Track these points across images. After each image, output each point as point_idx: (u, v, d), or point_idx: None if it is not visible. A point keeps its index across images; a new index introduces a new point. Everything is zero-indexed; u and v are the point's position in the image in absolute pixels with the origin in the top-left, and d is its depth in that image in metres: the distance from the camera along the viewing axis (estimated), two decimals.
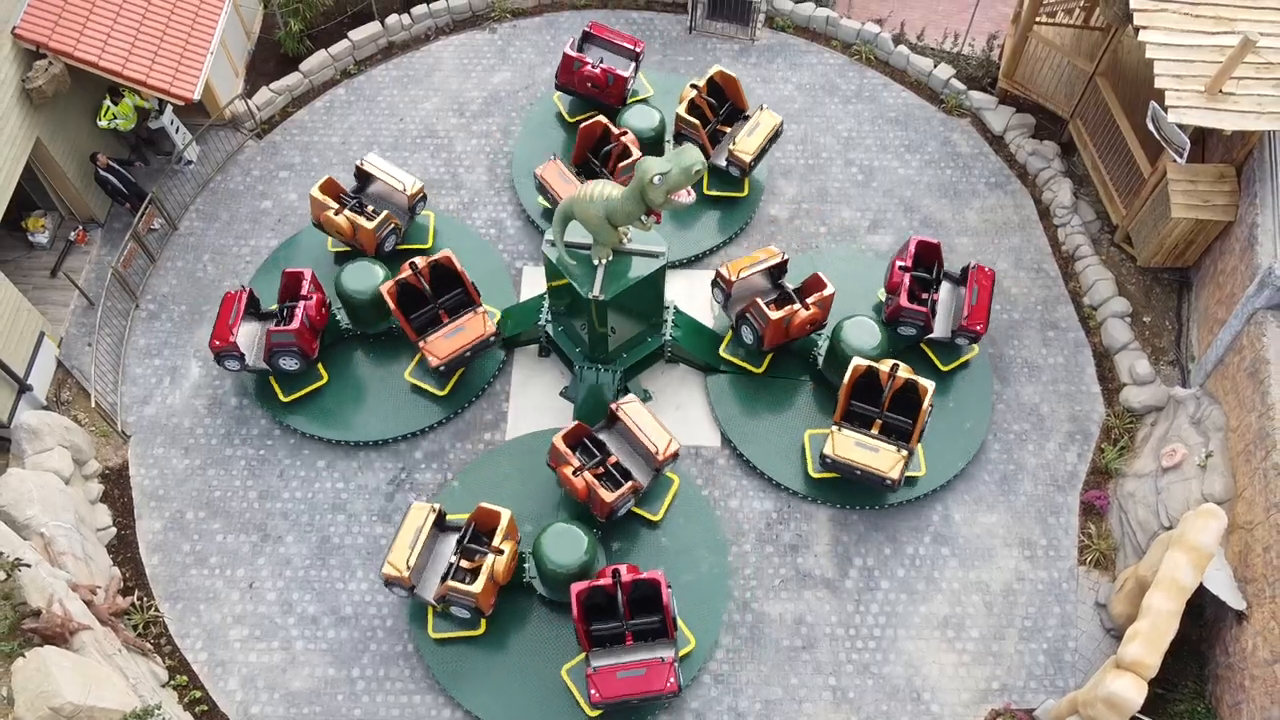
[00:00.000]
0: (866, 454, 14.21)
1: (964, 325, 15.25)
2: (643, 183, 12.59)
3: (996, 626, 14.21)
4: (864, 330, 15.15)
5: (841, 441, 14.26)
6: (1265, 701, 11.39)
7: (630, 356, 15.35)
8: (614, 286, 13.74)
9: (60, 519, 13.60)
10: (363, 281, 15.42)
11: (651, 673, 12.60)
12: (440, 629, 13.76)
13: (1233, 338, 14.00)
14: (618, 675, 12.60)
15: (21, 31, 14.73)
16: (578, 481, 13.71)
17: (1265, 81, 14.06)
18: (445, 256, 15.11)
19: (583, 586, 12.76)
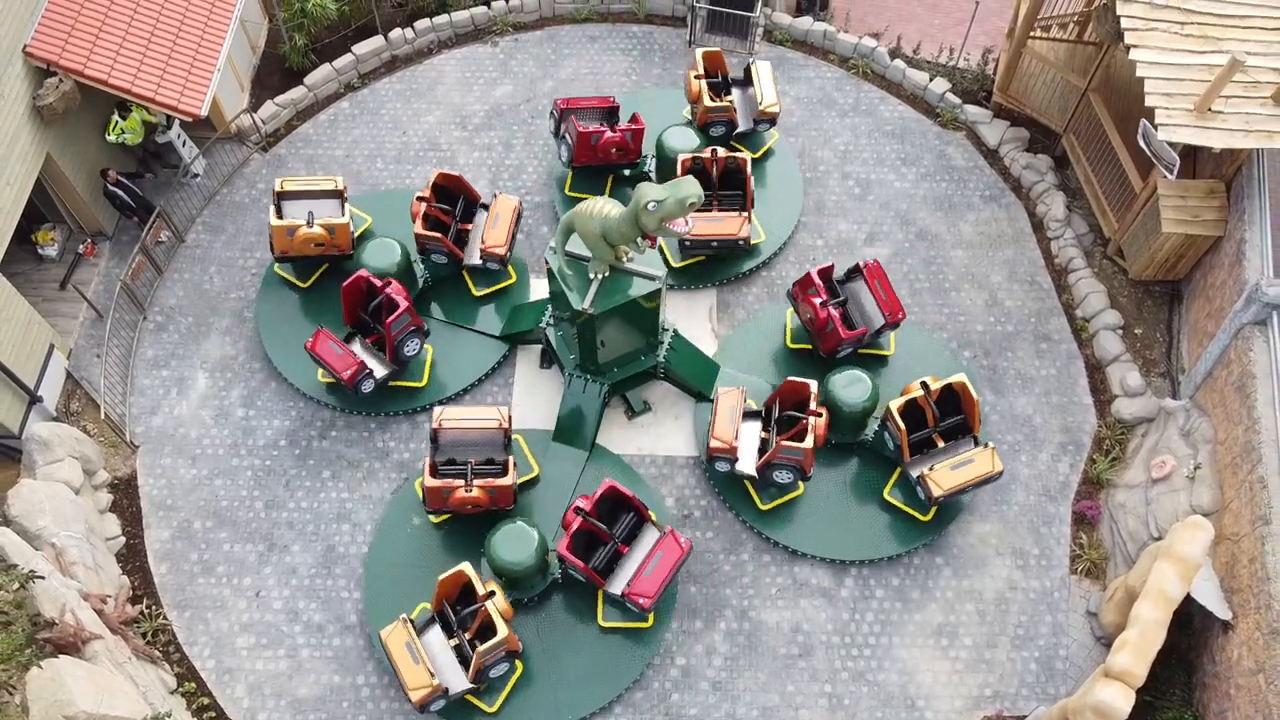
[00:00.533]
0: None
1: (886, 322, 15.66)
2: (637, 207, 12.90)
3: (989, 634, 14.48)
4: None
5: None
6: (1249, 710, 11.66)
7: (621, 372, 15.57)
8: (605, 302, 14.01)
9: (71, 529, 13.87)
10: (384, 259, 16.16)
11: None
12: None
13: (1221, 352, 14.26)
14: (404, 643, 12.90)
15: (33, 50, 15.01)
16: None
17: (1253, 100, 14.34)
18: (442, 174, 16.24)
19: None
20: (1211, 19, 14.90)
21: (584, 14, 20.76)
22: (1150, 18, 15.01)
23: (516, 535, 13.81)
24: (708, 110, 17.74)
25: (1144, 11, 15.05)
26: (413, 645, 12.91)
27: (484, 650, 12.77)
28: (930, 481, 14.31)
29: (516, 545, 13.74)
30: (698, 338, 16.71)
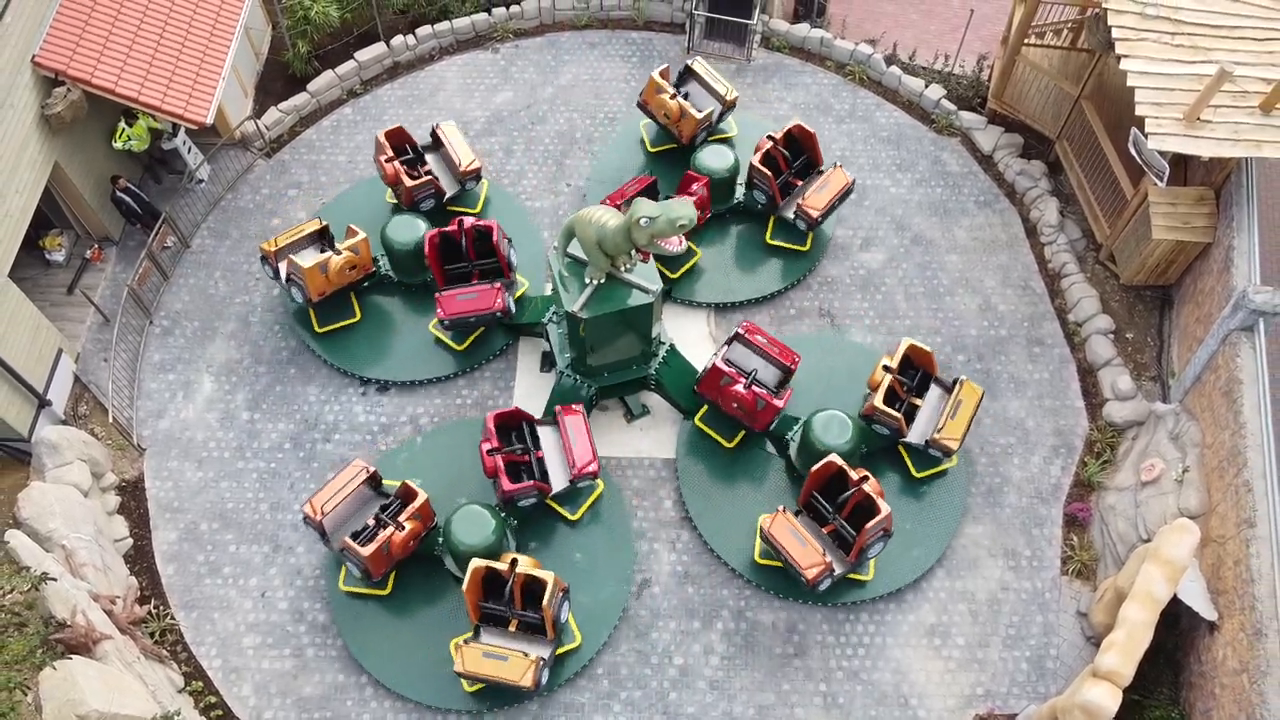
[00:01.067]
0: None
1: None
2: (630, 221, 13.21)
3: (981, 634, 14.75)
4: (836, 425, 14.92)
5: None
6: (1233, 709, 11.93)
7: (611, 377, 15.81)
8: (595, 308, 14.31)
9: (81, 531, 14.14)
10: (406, 234, 16.52)
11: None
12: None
13: (1209, 357, 14.52)
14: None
15: (41, 60, 15.25)
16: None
17: (1241, 109, 14.59)
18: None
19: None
20: (1201, 29, 15.17)
21: (584, 20, 21.00)
22: (1141, 28, 15.28)
23: (476, 518, 14.21)
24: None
25: (1135, 21, 15.31)
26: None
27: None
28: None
29: (473, 527, 14.15)
30: (696, 341, 16.98)
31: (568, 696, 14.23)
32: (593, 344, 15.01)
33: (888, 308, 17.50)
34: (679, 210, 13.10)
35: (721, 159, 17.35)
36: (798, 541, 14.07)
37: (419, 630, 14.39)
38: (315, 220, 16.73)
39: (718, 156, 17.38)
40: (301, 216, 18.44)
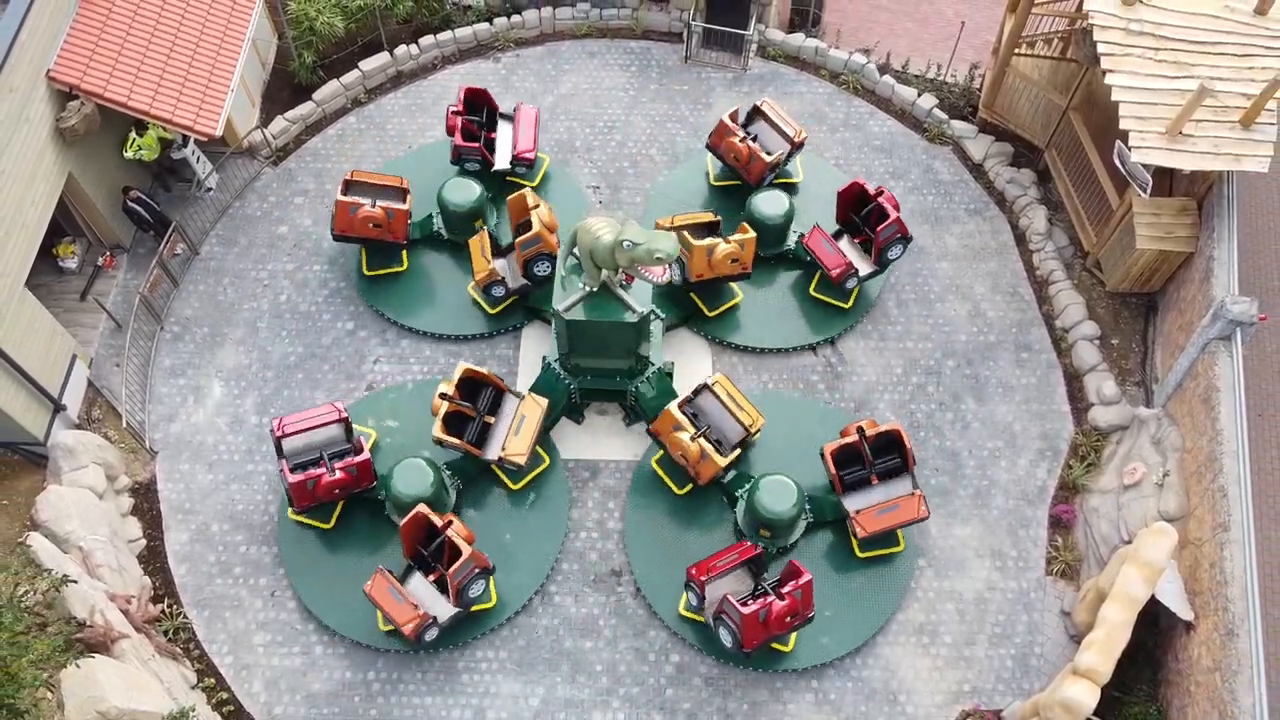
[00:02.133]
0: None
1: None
2: (615, 241, 13.70)
3: (968, 633, 15.23)
4: (780, 491, 14.98)
5: None
6: (1207, 706, 12.42)
7: (592, 381, 16.29)
8: (578, 312, 14.83)
9: (97, 533, 14.61)
10: (461, 195, 17.55)
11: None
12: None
13: (1189, 364, 14.98)
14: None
15: (55, 74, 15.67)
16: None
17: (1222, 124, 15.04)
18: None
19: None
20: (1184, 45, 15.60)
21: (584, 29, 21.40)
22: (1126, 43, 15.71)
23: (415, 471, 15.00)
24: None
25: (1120, 38, 15.75)
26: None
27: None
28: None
29: (414, 477, 14.99)
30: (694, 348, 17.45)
31: (567, 692, 14.72)
32: (574, 345, 15.59)
33: (880, 314, 17.95)
34: (660, 243, 13.63)
35: (777, 205, 17.45)
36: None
37: (352, 565, 15.32)
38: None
39: (774, 203, 17.46)
40: (308, 223, 18.88)
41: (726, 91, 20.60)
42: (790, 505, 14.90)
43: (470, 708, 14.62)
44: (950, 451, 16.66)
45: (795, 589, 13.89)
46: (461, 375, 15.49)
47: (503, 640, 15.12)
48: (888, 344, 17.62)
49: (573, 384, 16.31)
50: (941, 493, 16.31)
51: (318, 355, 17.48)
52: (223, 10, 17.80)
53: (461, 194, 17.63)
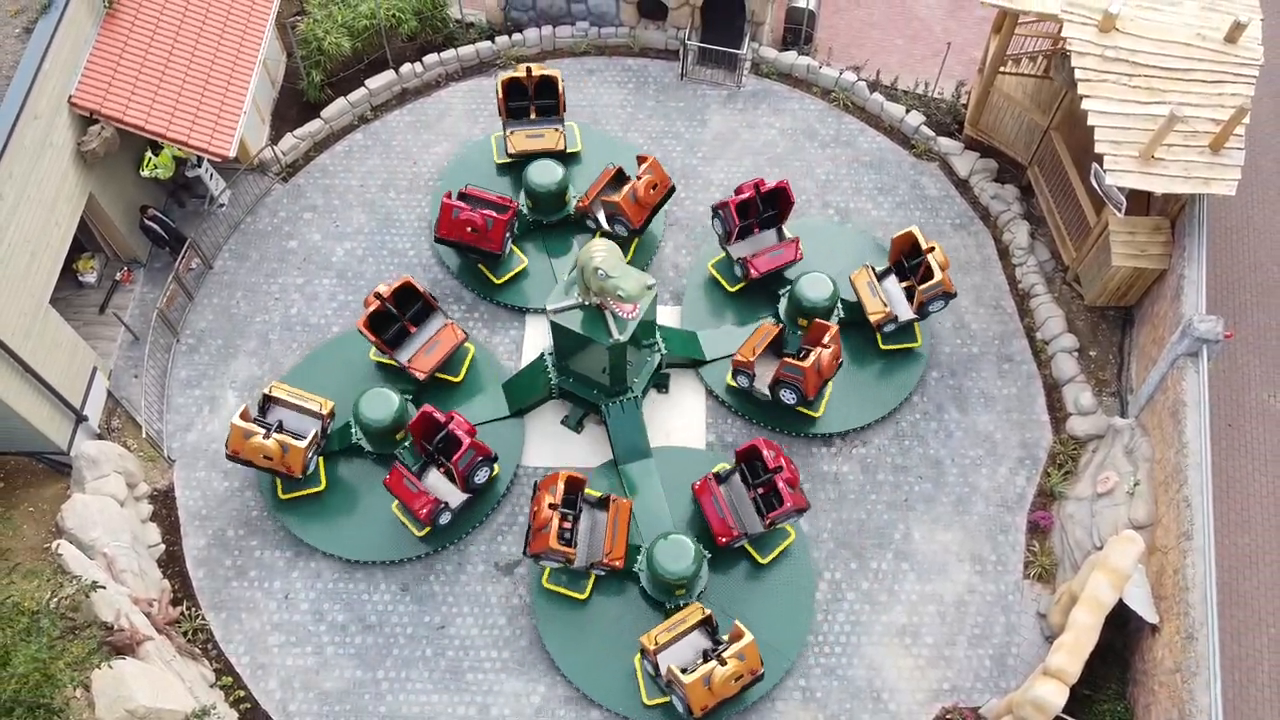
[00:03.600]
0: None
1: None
2: (590, 266, 14.64)
3: (949, 634, 15.99)
4: (678, 550, 15.29)
5: None
6: (1168, 705, 13.18)
7: (573, 385, 17.15)
8: (563, 317, 15.71)
9: (119, 539, 15.39)
10: (548, 176, 18.53)
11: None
12: (287, 490, 16.59)
13: (1160, 379, 15.70)
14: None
15: (77, 100, 16.37)
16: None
17: (1192, 149, 15.74)
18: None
19: (426, 412, 15.93)
20: (1157, 72, 16.28)
21: (582, 47, 22.07)
22: (1102, 69, 16.39)
23: (379, 396, 16.31)
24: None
25: (1096, 64, 16.43)
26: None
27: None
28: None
29: (379, 404, 16.37)
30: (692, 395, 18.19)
31: (567, 690, 15.46)
32: (556, 346, 16.57)
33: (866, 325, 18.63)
34: (626, 283, 14.44)
35: (820, 289, 17.54)
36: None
37: (349, 505, 16.62)
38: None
39: (816, 286, 17.57)
40: (317, 238, 19.59)
41: (721, 108, 21.27)
42: (687, 564, 15.12)
43: (475, 705, 15.40)
44: (934, 459, 17.39)
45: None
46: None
47: (506, 640, 15.88)
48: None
49: (555, 380, 17.17)
50: (925, 499, 17.05)
51: None
52: (235, 34, 18.49)
53: (547, 175, 18.51)
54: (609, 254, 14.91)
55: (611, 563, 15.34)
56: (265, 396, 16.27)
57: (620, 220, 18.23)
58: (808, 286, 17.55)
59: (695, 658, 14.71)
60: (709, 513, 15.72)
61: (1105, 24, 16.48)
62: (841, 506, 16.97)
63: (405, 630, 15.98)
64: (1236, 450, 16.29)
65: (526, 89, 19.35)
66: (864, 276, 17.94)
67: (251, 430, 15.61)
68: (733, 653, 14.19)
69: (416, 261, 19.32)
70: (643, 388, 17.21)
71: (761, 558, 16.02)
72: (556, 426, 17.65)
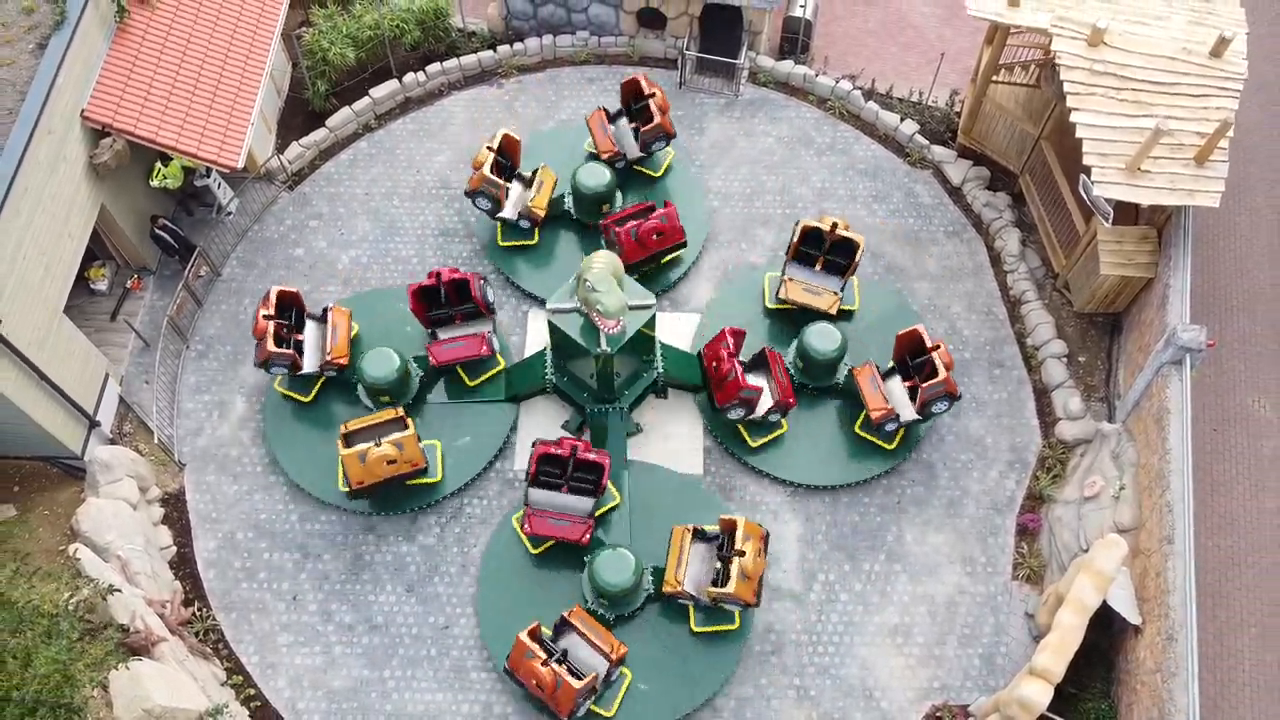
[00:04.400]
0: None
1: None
2: (582, 276, 15.10)
3: (939, 634, 16.43)
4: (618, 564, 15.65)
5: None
6: (1149, 704, 13.63)
7: (566, 384, 17.61)
8: (560, 319, 16.22)
9: (133, 542, 15.83)
10: (595, 179, 19.01)
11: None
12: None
13: (1145, 386, 16.11)
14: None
15: (89, 114, 16.77)
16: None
17: (1177, 161, 16.13)
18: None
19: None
20: (1144, 85, 16.66)
21: (583, 56, 22.45)
22: (1090, 83, 16.77)
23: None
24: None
25: (1085, 77, 16.80)
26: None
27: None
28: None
29: (381, 362, 17.14)
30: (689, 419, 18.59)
31: None
32: (552, 342, 17.12)
33: (860, 334, 19.02)
34: (605, 298, 14.89)
35: (829, 341, 17.40)
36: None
37: (324, 433, 17.51)
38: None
39: (826, 338, 17.41)
40: (323, 245, 20.00)
41: (719, 116, 21.65)
42: (627, 577, 15.45)
43: (479, 703, 15.86)
44: (926, 463, 17.81)
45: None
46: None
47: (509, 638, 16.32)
48: (865, 359, 18.71)
49: (550, 375, 17.65)
50: (917, 502, 17.47)
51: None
52: (242, 47, 18.88)
53: (596, 176, 19.00)
54: (604, 267, 15.32)
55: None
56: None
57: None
58: (815, 337, 17.37)
59: None
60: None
61: (1094, 38, 16.85)
62: (835, 509, 17.39)
63: (411, 630, 16.43)
64: (1221, 454, 16.72)
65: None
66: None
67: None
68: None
69: (421, 269, 19.72)
70: (631, 400, 17.57)
71: (696, 625, 15.91)
72: (555, 430, 18.06)
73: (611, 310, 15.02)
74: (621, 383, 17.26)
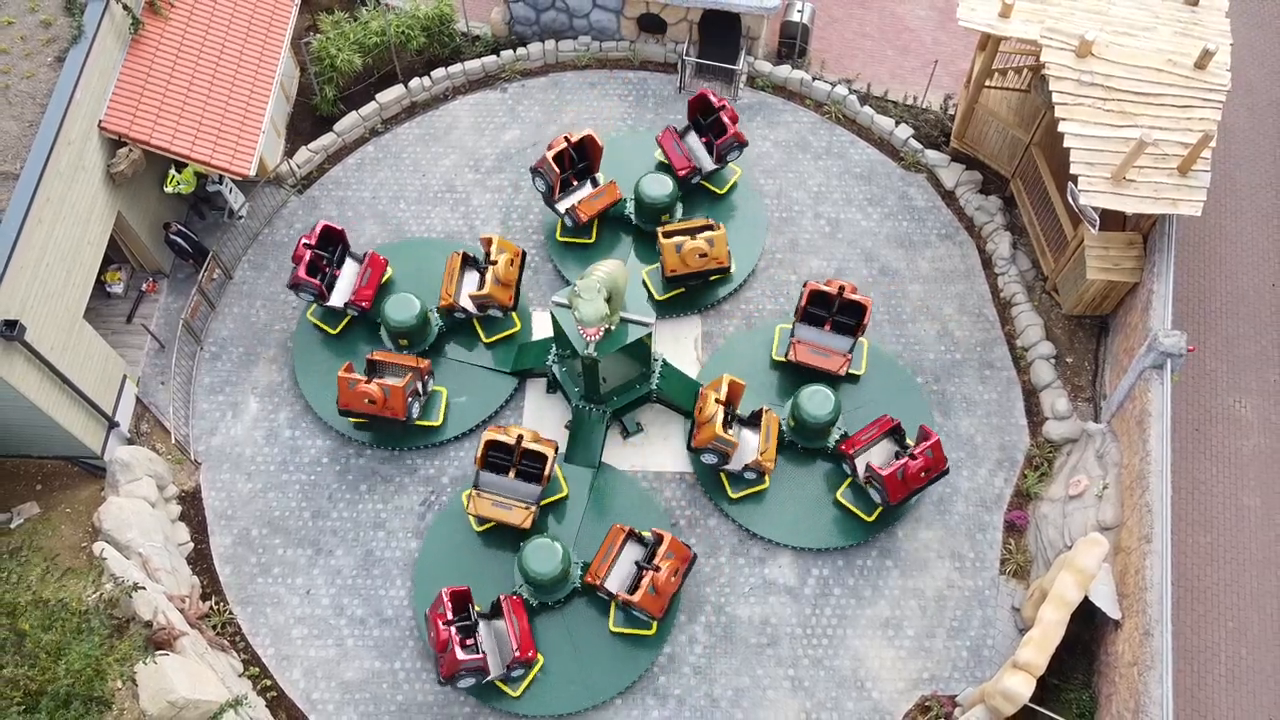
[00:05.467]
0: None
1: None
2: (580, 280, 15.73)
3: (929, 626, 17.06)
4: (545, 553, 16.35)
5: None
6: (1126, 696, 14.26)
7: (564, 376, 18.29)
8: (560, 313, 16.86)
9: (153, 539, 16.46)
10: (659, 189, 19.71)
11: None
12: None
13: (1129, 388, 16.67)
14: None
15: (106, 124, 17.29)
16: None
17: (1161, 170, 16.62)
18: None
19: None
20: (1130, 96, 17.13)
21: (584, 60, 22.91)
22: (1078, 94, 17.24)
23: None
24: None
25: (1072, 88, 17.27)
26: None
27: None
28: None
29: (403, 307, 18.21)
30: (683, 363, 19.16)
31: None
32: (554, 331, 17.60)
33: None
34: (581, 306, 15.45)
35: (823, 404, 17.51)
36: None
37: (343, 362, 18.65)
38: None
39: (820, 401, 17.53)
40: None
41: None
42: (553, 567, 16.12)
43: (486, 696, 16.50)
44: None
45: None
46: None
47: None
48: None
49: (553, 363, 18.28)
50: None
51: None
52: (253, 56, 19.37)
53: (657, 188, 19.59)
54: (603, 276, 15.84)
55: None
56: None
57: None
58: (809, 401, 17.43)
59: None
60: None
61: (1082, 49, 17.31)
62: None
63: (420, 624, 17.05)
64: (1202, 454, 17.31)
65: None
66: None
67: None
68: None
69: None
70: (617, 408, 18.10)
71: (614, 625, 16.51)
72: (559, 428, 18.64)
73: (586, 318, 15.58)
74: (609, 389, 17.79)
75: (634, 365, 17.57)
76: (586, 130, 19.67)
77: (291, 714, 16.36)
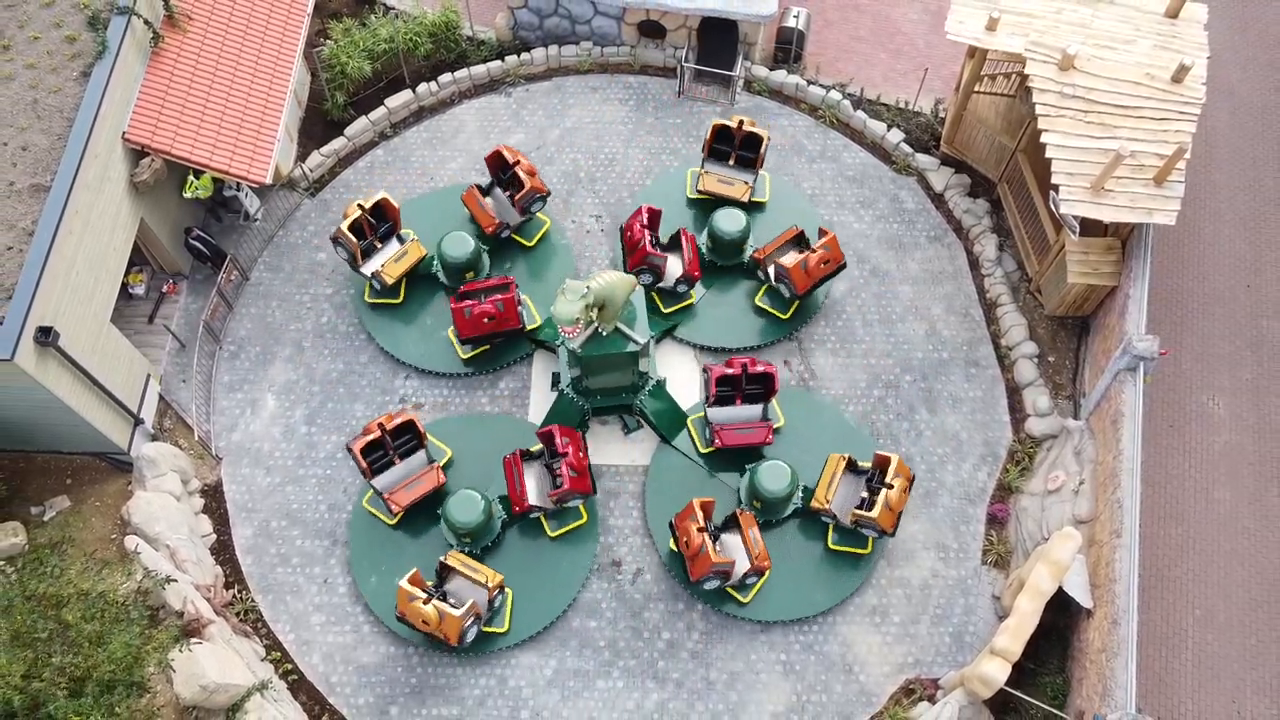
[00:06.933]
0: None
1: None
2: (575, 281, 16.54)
3: (914, 614, 18.01)
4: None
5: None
6: (1094, 681, 15.22)
7: (567, 358, 19.05)
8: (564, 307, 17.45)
9: (179, 532, 17.39)
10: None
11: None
12: (373, 296, 20.31)
13: (1105, 388, 17.53)
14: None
15: (130, 136, 18.07)
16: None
17: (1138, 181, 17.42)
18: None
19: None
20: (1110, 109, 17.88)
21: (586, 65, 23.62)
22: (1060, 105, 18.00)
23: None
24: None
25: (1055, 100, 18.03)
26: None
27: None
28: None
29: (458, 244, 19.68)
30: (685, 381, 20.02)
31: (576, 663, 17.57)
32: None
33: (847, 333, 20.47)
34: (559, 305, 16.31)
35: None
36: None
37: (413, 318, 20.19)
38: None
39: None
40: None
41: None
42: (476, 514, 17.41)
43: (494, 676, 17.50)
44: (905, 458, 19.29)
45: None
46: (376, 201, 19.69)
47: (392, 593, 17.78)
48: (854, 360, 20.18)
49: (561, 341, 19.07)
50: None
51: (356, 371, 20.11)
52: (267, 67, 20.10)
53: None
54: (592, 283, 16.58)
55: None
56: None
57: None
58: (766, 476, 17.83)
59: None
60: (509, 483, 17.94)
61: (1065, 63, 18.04)
62: None
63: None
64: (1175, 450, 18.17)
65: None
66: (836, 465, 18.08)
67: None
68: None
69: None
70: (600, 407, 18.99)
71: (551, 532, 18.20)
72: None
73: (558, 315, 16.44)
74: (592, 385, 18.63)
75: (619, 375, 18.37)
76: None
77: (312, 696, 17.36)
